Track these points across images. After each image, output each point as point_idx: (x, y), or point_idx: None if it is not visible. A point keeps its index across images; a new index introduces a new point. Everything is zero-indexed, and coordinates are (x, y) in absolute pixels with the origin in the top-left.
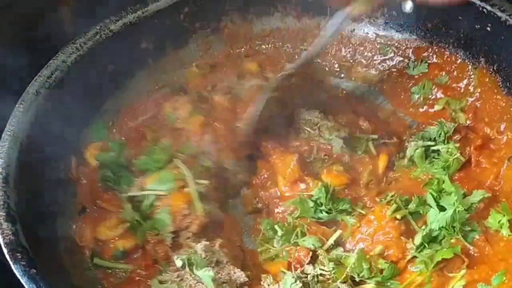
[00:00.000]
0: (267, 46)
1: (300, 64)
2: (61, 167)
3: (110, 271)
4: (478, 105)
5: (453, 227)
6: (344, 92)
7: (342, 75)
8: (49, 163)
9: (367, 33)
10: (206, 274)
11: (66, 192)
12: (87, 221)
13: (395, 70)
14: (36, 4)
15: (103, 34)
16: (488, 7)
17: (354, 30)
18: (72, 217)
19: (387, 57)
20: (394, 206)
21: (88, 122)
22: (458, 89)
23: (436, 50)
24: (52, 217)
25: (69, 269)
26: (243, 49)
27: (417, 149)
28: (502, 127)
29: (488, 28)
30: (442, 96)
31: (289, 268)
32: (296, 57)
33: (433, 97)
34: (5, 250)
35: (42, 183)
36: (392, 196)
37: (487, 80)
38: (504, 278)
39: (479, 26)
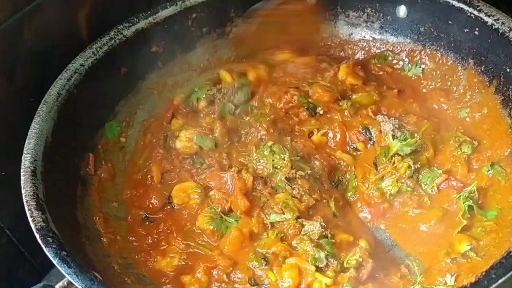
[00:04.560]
0: None
1: None
2: (80, 163)
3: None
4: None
5: None
6: None
7: None
8: (70, 158)
9: (364, 36)
10: None
11: (84, 186)
12: None
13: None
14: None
15: (117, 39)
16: (476, 13)
17: (352, 34)
18: (91, 209)
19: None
20: None
21: (103, 122)
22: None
23: (429, 52)
24: (73, 208)
25: (91, 255)
26: None
27: None
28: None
29: (476, 32)
30: None
31: None
32: None
33: None
34: (37, 235)
35: (64, 177)
36: None
37: (476, 80)
38: None
39: (467, 30)
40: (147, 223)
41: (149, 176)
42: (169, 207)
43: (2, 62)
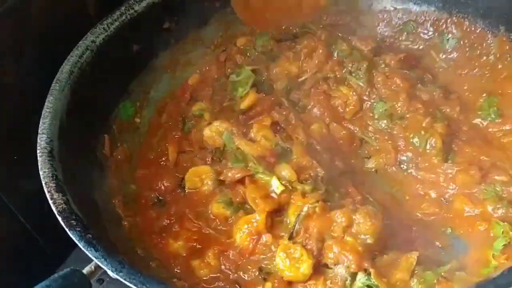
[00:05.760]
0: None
1: None
2: (96, 145)
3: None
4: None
5: None
6: None
7: None
8: (86, 139)
9: (385, 6)
10: None
11: (101, 169)
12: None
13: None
14: None
15: (128, 15)
16: None
17: (372, 4)
18: (109, 192)
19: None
20: None
21: (117, 101)
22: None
23: (455, 20)
24: (92, 191)
25: (113, 240)
26: None
27: None
28: None
29: None
30: None
31: None
32: None
33: None
34: (59, 218)
35: (81, 159)
36: None
37: (507, 47)
38: None
39: None
40: (158, 206)
41: (163, 158)
42: (179, 190)
43: (10, 40)
